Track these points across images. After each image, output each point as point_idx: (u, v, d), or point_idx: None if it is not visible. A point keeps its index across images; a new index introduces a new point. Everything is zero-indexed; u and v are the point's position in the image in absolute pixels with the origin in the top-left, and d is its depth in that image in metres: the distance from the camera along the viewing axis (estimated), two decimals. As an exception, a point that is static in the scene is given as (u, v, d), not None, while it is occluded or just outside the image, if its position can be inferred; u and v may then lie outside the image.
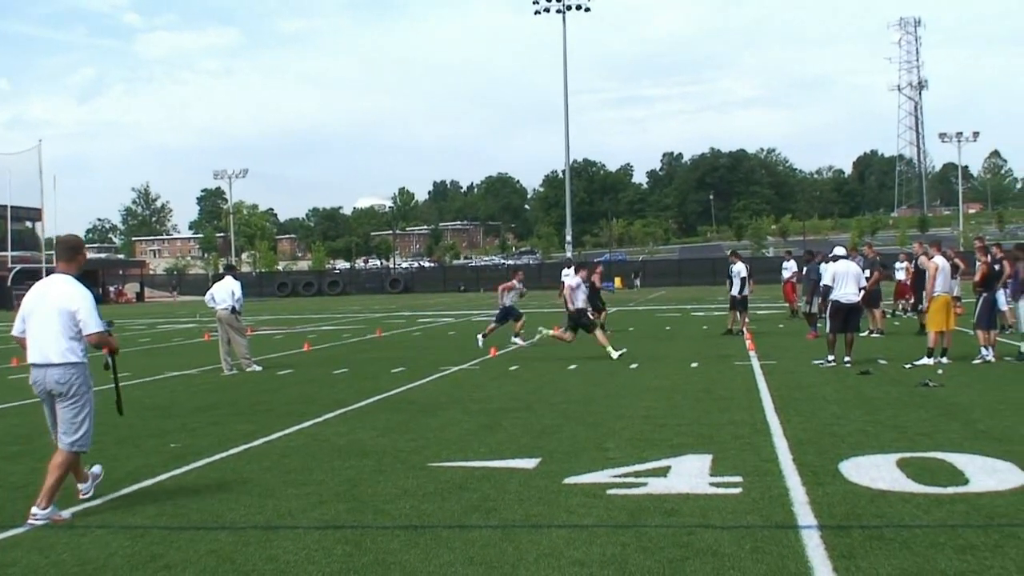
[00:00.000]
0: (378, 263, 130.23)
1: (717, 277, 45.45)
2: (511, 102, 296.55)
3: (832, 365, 14.02)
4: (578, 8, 63.25)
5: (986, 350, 14.29)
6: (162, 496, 6.98)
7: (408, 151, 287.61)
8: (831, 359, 14.22)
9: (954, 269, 17.47)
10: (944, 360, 14.02)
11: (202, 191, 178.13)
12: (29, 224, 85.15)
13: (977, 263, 15.44)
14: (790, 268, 26.44)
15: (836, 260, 15.02)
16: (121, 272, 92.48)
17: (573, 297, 16.92)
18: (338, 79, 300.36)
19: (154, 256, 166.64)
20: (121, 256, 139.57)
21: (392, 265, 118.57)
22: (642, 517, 5.95)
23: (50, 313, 6.53)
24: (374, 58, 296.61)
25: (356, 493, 6.84)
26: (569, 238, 64.92)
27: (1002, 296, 15.83)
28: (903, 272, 24.25)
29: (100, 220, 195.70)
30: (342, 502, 6.60)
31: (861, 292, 14.93)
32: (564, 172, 77.92)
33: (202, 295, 20.37)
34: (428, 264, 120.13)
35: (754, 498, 6.35)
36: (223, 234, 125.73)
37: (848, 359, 14.13)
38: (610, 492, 6.62)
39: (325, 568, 5.16)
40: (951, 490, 6.41)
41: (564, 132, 64.44)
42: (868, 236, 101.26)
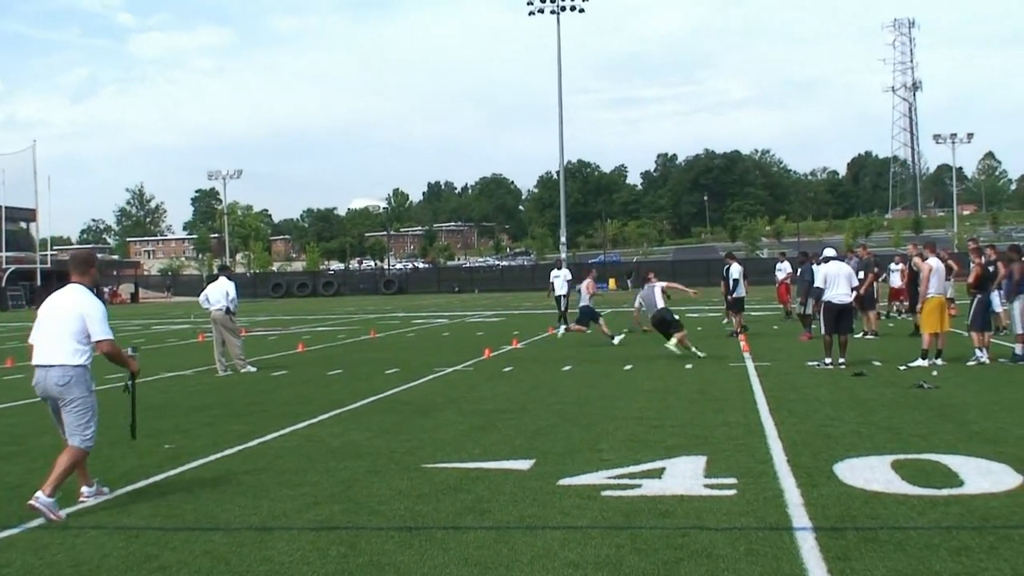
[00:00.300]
0: (372, 264, 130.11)
1: (711, 278, 45.51)
2: (505, 103, 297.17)
3: (829, 367, 14.04)
4: (572, 9, 63.19)
5: (980, 352, 14.32)
6: (156, 497, 6.97)
7: (402, 151, 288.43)
8: (828, 361, 14.23)
9: (948, 271, 17.49)
10: (939, 362, 14.03)
11: (196, 192, 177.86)
12: (23, 225, 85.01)
13: (971, 265, 15.47)
14: (784, 269, 26.50)
15: (827, 261, 15.06)
16: (115, 273, 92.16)
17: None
18: (332, 79, 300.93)
19: (148, 257, 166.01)
20: (115, 257, 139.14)
21: (386, 266, 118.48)
22: (636, 518, 5.95)
23: (59, 319, 6.71)
24: (368, 58, 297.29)
25: (351, 494, 6.84)
26: (563, 239, 64.70)
27: (996, 298, 15.88)
28: (898, 275, 24.21)
29: (94, 221, 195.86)
30: (337, 503, 6.59)
31: (853, 292, 14.97)
32: (558, 173, 77.86)
33: (196, 296, 20.36)
34: (422, 265, 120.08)
35: (748, 500, 6.35)
36: (217, 235, 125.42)
37: (843, 361, 14.15)
38: (604, 493, 6.62)
39: (320, 569, 5.15)
40: (946, 492, 6.42)
41: (558, 133, 64.34)
42: (862, 237, 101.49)
